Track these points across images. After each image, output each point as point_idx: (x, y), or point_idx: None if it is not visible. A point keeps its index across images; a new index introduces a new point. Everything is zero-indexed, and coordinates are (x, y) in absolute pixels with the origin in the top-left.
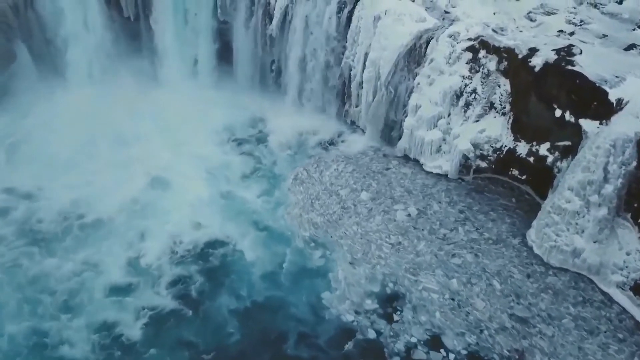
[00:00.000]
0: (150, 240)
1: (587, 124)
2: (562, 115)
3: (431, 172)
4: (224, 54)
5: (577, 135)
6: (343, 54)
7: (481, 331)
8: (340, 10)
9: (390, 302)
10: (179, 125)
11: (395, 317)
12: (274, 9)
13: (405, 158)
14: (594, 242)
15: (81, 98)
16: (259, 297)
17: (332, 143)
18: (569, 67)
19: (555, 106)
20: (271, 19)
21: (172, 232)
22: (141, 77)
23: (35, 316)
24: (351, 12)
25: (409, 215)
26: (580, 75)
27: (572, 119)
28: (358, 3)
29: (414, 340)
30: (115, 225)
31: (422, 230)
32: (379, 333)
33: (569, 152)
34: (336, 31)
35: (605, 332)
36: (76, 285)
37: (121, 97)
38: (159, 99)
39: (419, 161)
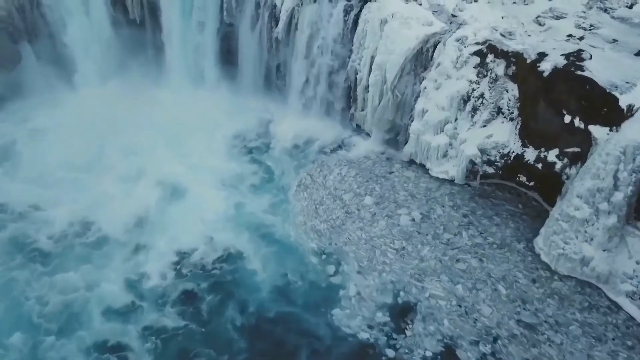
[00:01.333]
0: (156, 255)
1: (597, 130)
2: (572, 121)
3: (435, 176)
4: (230, 56)
5: (587, 141)
6: (349, 57)
7: (494, 340)
8: (346, 13)
9: (400, 313)
10: (185, 132)
11: (407, 332)
12: (280, 12)
13: (409, 161)
14: (603, 250)
15: (85, 101)
16: (269, 313)
17: (337, 147)
18: (579, 73)
19: (565, 112)
20: (277, 22)
21: (178, 247)
22: (147, 79)
23: (33, 334)
24: (357, 16)
25: (413, 219)
26: (590, 81)
27: (582, 125)
28: (365, 6)
29: (429, 354)
30: (119, 240)
31: (426, 235)
32: (394, 349)
33: (578, 159)
34: (342, 34)
35: (613, 339)
36: (78, 304)
37: (126, 101)
38: (165, 103)
39: (422, 164)
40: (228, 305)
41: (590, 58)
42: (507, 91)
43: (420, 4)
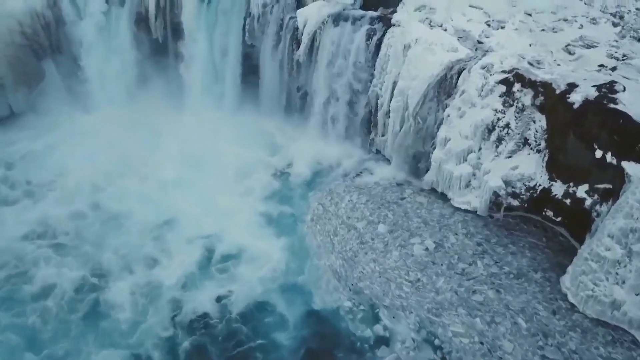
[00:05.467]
0: (165, 311)
1: (630, 167)
2: (603, 156)
3: (448, 201)
4: (250, 78)
5: (619, 178)
6: (370, 81)
7: None
8: (369, 37)
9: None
10: (199, 161)
11: None
12: (302, 35)
13: (419, 186)
14: (636, 294)
15: (104, 121)
16: None
17: (356, 173)
18: (611, 105)
19: (596, 146)
20: (299, 45)
21: (190, 300)
22: (167, 100)
23: None
24: (380, 40)
25: (427, 249)
26: (623, 115)
27: (614, 161)
28: (388, 31)
29: None
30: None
31: (441, 265)
32: None
33: (610, 196)
34: (364, 59)
35: None
36: None
37: (145, 122)
38: (184, 125)
39: (434, 189)
40: None
41: (624, 90)
42: (534, 122)
43: (445, 30)
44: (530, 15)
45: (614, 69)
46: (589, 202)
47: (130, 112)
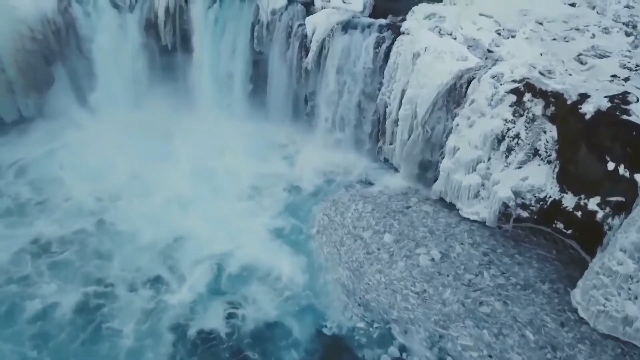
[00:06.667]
0: (172, 334)
1: None
2: (616, 169)
3: (454, 210)
4: (259, 85)
5: (632, 191)
6: (379, 89)
7: None
8: (378, 45)
9: None
10: (211, 172)
11: None
12: (311, 42)
13: (423, 194)
14: None
15: (112, 127)
16: None
17: (364, 182)
18: (624, 117)
19: (608, 158)
20: (307, 52)
21: (198, 322)
22: (175, 106)
23: None
24: (389, 48)
25: (433, 259)
26: (636, 127)
27: (627, 174)
28: (397, 39)
29: None
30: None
31: (447, 275)
32: None
33: (622, 209)
34: (373, 66)
35: None
36: None
37: (153, 129)
38: (192, 132)
39: (442, 199)
40: None
41: (637, 101)
42: (544, 132)
43: (455, 38)
44: (541, 24)
45: (626, 79)
46: (600, 215)
47: (138, 118)
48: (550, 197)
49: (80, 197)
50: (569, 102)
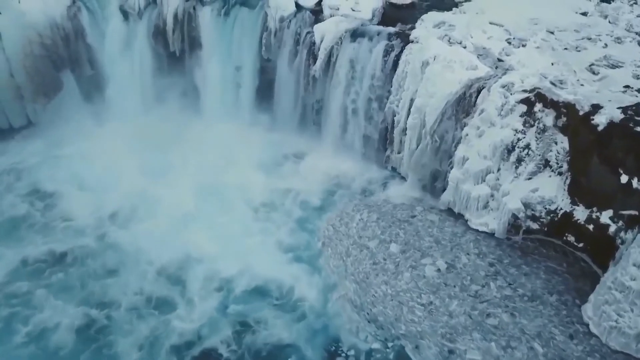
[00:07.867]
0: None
1: None
2: (629, 182)
3: (460, 219)
4: (266, 92)
5: None
6: (387, 98)
7: None
8: (386, 53)
9: None
10: (218, 186)
11: None
12: (319, 50)
13: (430, 203)
14: None
15: (119, 134)
16: None
17: (371, 191)
18: (638, 129)
19: (621, 171)
20: (315, 60)
21: (205, 344)
22: (183, 113)
23: None
24: (398, 56)
25: (438, 269)
26: None
27: None
28: (406, 47)
29: None
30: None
31: (453, 287)
32: None
33: (636, 223)
34: (381, 75)
35: None
36: None
37: (161, 136)
38: (199, 141)
39: (450, 209)
40: None
41: None
42: (556, 143)
43: (465, 47)
44: (552, 33)
45: None
46: (613, 228)
47: (145, 126)
48: (561, 209)
49: (82, 212)
50: (580, 112)
